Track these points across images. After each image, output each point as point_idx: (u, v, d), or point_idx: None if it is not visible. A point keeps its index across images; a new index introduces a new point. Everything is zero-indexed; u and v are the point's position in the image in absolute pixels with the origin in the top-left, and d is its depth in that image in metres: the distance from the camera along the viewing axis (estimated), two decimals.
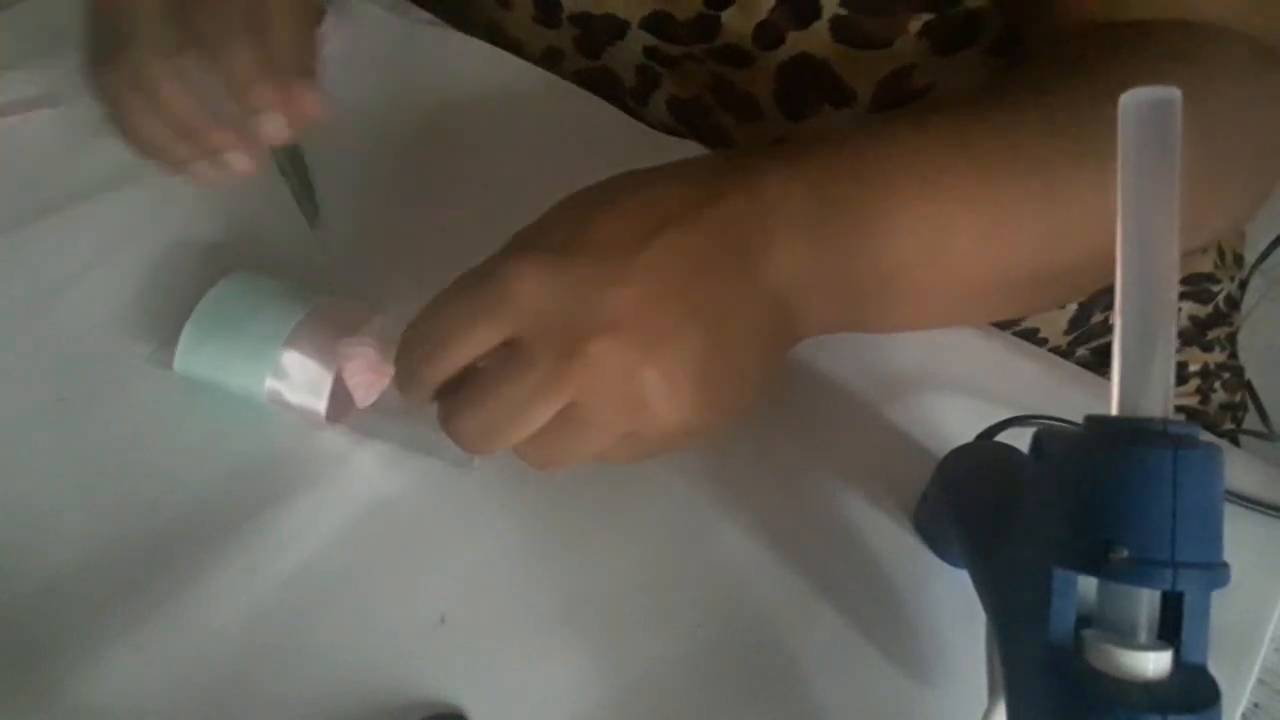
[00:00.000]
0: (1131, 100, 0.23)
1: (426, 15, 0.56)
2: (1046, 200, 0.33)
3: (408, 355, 0.31)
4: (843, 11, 0.47)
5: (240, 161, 0.39)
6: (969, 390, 0.38)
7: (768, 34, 0.49)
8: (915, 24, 0.46)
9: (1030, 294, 0.37)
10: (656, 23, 0.50)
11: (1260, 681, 0.32)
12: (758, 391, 0.32)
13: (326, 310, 0.38)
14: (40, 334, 0.41)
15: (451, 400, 0.30)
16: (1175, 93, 0.23)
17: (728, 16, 0.48)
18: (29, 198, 0.46)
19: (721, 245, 0.30)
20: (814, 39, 0.48)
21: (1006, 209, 0.33)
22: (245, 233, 0.45)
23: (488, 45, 0.53)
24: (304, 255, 0.42)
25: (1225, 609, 0.23)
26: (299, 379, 0.36)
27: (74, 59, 0.40)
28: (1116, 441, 0.22)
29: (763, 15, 0.48)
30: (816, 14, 0.47)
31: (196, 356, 0.37)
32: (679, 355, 0.29)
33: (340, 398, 0.36)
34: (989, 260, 0.33)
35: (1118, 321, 0.23)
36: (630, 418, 0.29)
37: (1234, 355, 0.60)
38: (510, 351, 0.29)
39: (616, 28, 0.51)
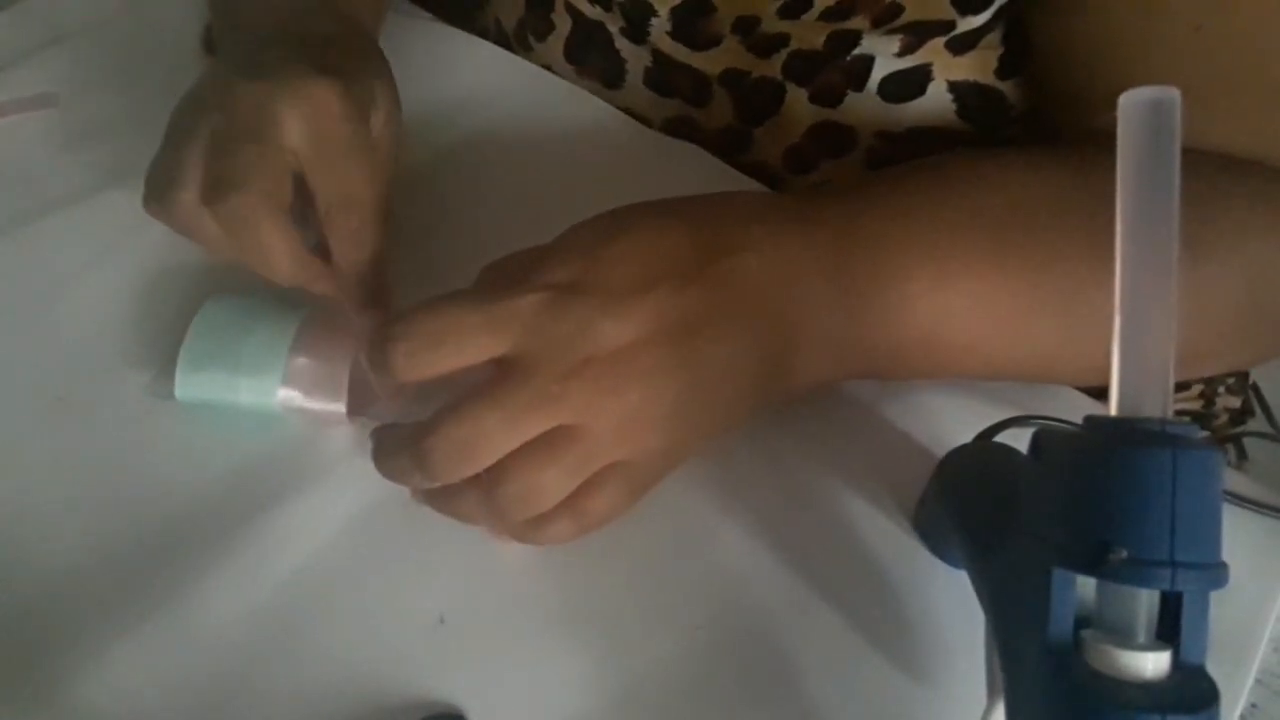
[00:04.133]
0: (1131, 100, 0.23)
1: (427, 14, 0.55)
2: (1061, 310, 0.33)
3: (388, 341, 0.30)
4: (878, 144, 0.47)
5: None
6: (968, 390, 0.38)
7: (800, 159, 0.49)
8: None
9: (1045, 380, 0.38)
10: (681, 128, 0.50)
11: (1258, 682, 0.32)
12: (734, 422, 0.33)
13: (323, 314, 0.37)
14: (40, 334, 0.41)
15: (435, 414, 0.30)
16: (1174, 93, 0.23)
17: (759, 134, 0.48)
18: (29, 198, 0.46)
19: (723, 299, 0.31)
20: (848, 168, 0.48)
21: (1019, 312, 0.34)
22: None
23: (488, 44, 0.53)
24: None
25: (1224, 609, 0.23)
26: (313, 382, 0.36)
27: (74, 59, 0.39)
28: (1115, 442, 0.22)
29: (795, 139, 0.48)
30: (851, 144, 0.47)
31: (197, 380, 0.36)
32: (665, 388, 0.30)
33: (357, 391, 0.36)
34: (997, 352, 0.35)
35: (1117, 321, 0.23)
36: (614, 439, 0.30)
37: None
38: (503, 368, 0.30)
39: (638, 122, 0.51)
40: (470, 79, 0.51)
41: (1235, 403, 0.58)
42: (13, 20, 0.55)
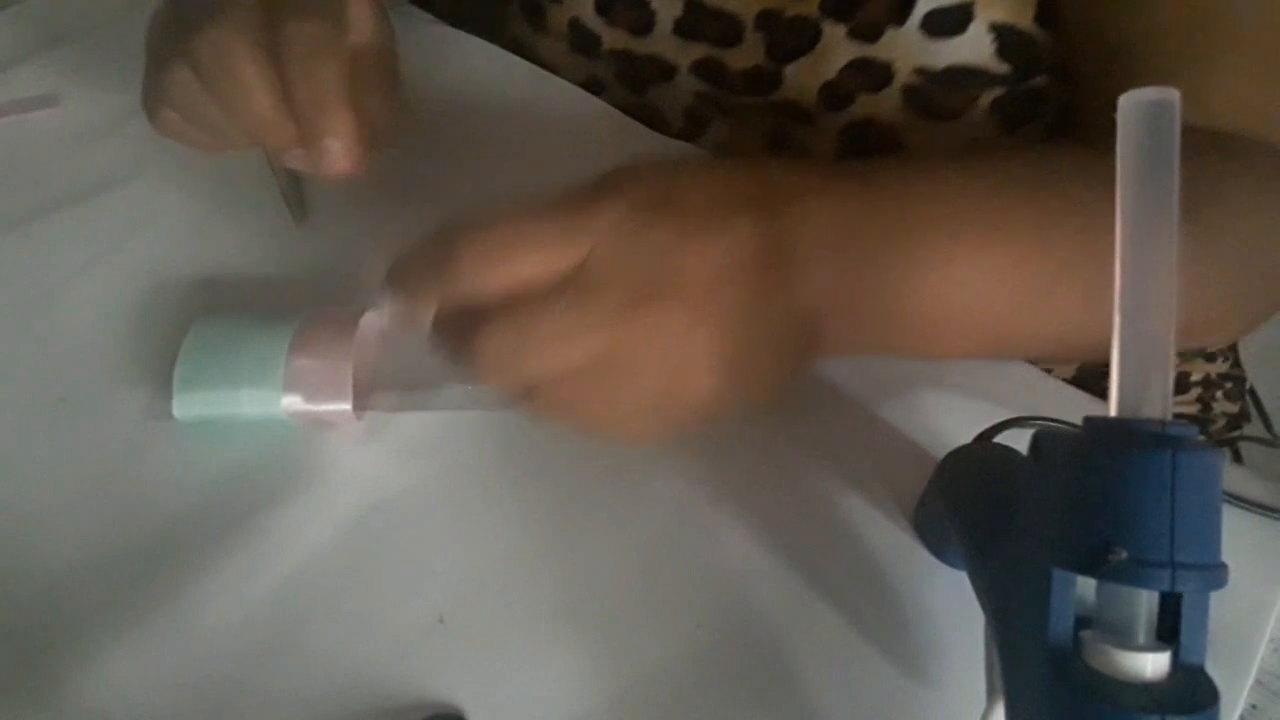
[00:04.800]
0: (1131, 100, 0.23)
1: (427, 15, 0.55)
2: (1090, 289, 0.33)
3: (460, 243, 0.29)
4: (916, 80, 0.46)
5: (340, 156, 0.34)
6: (968, 392, 0.38)
7: (835, 94, 0.48)
8: (986, 98, 0.46)
9: (1064, 354, 0.37)
10: (708, 70, 0.50)
11: (1258, 682, 0.32)
12: (778, 386, 0.32)
13: (318, 317, 0.37)
14: (40, 334, 0.41)
15: (492, 315, 0.28)
16: (1174, 93, 0.23)
17: (791, 72, 0.48)
18: (29, 198, 0.46)
19: (801, 236, 0.30)
20: (884, 103, 0.48)
21: (1044, 287, 0.33)
22: (241, 231, 0.45)
23: (489, 45, 0.53)
24: (286, 274, 0.42)
25: (1224, 610, 0.23)
26: (316, 383, 0.36)
27: (74, 59, 0.40)
28: (1115, 443, 0.22)
29: (830, 75, 0.47)
30: (888, 80, 0.47)
31: (195, 398, 0.36)
32: (730, 332, 0.29)
33: (360, 388, 0.36)
34: (1021, 327, 0.34)
35: (1116, 322, 0.23)
36: (668, 379, 0.29)
37: (1237, 364, 0.60)
38: (571, 281, 0.28)
39: (662, 70, 0.50)
40: (470, 79, 0.51)
41: (1232, 408, 0.58)
42: (13, 20, 0.55)
